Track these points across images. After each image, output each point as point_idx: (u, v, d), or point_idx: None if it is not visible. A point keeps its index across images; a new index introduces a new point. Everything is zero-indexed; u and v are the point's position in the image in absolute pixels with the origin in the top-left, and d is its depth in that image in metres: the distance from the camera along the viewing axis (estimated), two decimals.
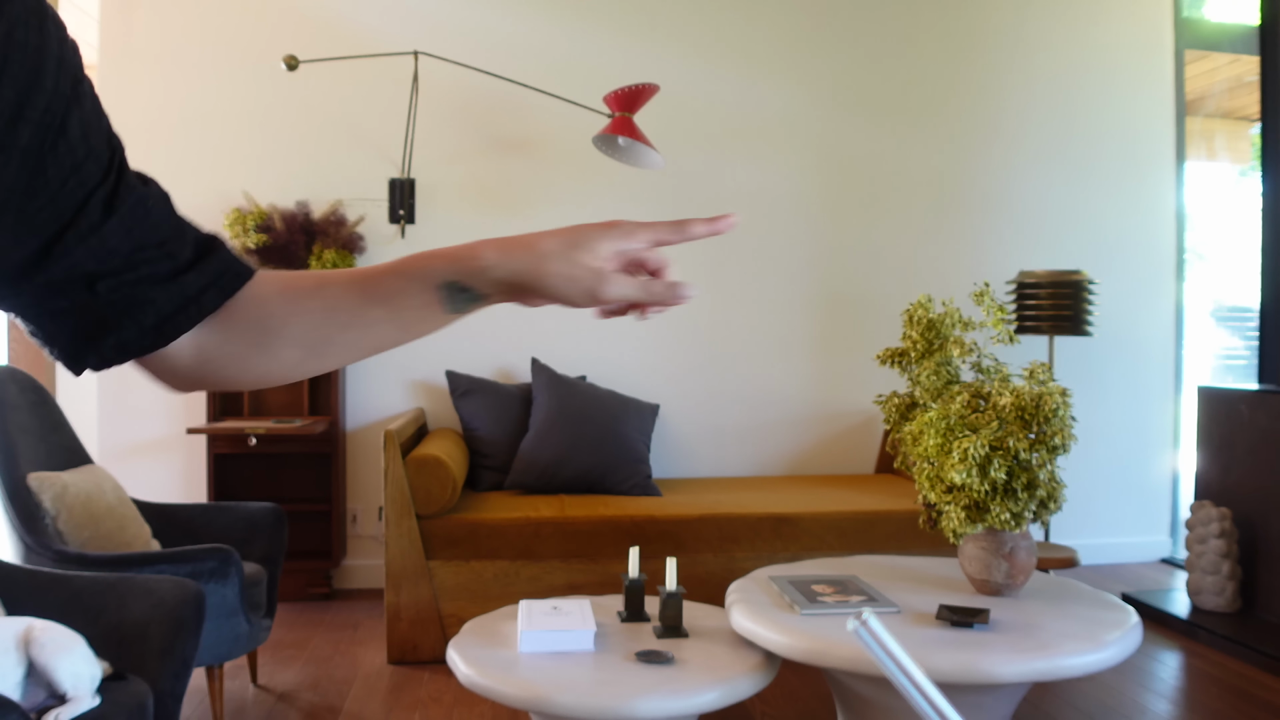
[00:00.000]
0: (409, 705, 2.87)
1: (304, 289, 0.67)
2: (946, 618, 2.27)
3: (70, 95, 0.54)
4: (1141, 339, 4.76)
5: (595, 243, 0.62)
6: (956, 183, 4.64)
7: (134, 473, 3.99)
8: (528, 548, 3.31)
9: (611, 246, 0.63)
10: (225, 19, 4.12)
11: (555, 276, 0.62)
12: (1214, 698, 3.00)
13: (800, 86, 4.51)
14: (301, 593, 3.96)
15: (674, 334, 4.44)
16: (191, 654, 2.02)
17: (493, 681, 2.10)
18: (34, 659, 1.78)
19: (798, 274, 4.53)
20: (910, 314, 2.65)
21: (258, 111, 4.13)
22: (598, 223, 0.63)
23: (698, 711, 2.06)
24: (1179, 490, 4.82)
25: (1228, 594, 3.64)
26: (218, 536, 2.90)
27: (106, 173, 0.57)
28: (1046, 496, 2.42)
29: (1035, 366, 2.49)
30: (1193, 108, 4.92)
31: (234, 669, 3.10)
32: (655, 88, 3.79)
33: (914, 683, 0.49)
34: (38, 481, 2.60)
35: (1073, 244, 4.69)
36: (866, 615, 0.48)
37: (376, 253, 4.20)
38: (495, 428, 3.90)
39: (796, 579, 2.58)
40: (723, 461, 4.47)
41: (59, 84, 0.53)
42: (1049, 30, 4.71)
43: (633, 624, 2.50)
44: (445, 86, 4.19)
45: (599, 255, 0.62)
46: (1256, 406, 3.67)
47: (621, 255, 0.63)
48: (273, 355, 0.67)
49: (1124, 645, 2.17)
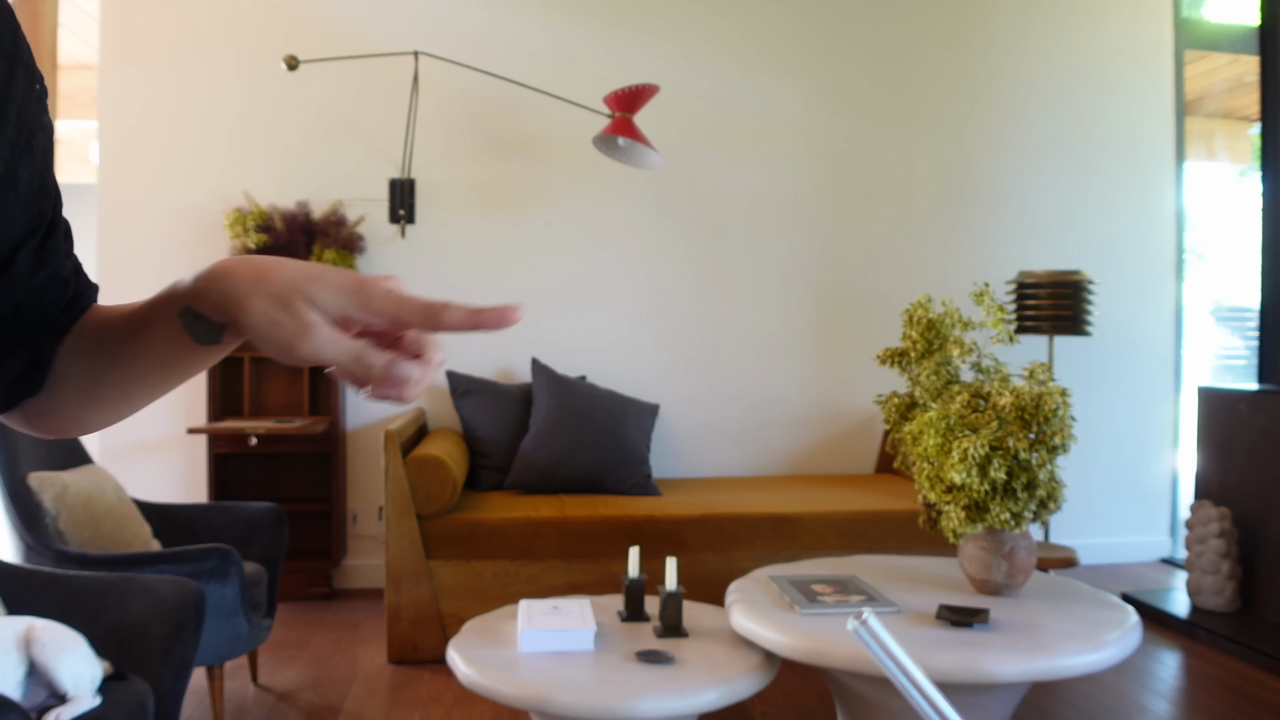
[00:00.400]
0: (409, 705, 2.87)
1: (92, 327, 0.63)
2: (946, 618, 2.27)
3: (24, 147, 0.54)
4: (1141, 339, 4.76)
5: (321, 294, 0.52)
6: (956, 182, 4.64)
7: (134, 473, 4.00)
8: (528, 548, 3.31)
9: (339, 305, 0.52)
10: (225, 19, 4.12)
11: (257, 315, 0.52)
12: (1214, 698, 3.00)
13: (800, 86, 4.51)
14: (302, 592, 3.96)
15: (674, 334, 4.44)
16: (192, 654, 2.02)
17: (493, 681, 2.10)
18: (35, 659, 1.79)
19: (797, 274, 4.53)
20: (910, 314, 2.65)
21: (258, 111, 4.13)
22: (350, 275, 0.53)
23: (698, 711, 2.06)
24: (1179, 490, 4.83)
25: (1227, 594, 3.64)
26: (218, 536, 2.90)
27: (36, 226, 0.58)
28: (1046, 496, 2.42)
29: (1035, 366, 2.49)
30: (1192, 108, 4.92)
31: (234, 669, 3.10)
32: (655, 88, 3.79)
33: (914, 683, 0.49)
34: (38, 481, 2.60)
35: (1073, 244, 4.69)
36: (866, 615, 0.48)
37: (376, 253, 4.20)
38: (495, 428, 3.90)
39: (796, 579, 2.59)
40: (723, 461, 4.48)
41: (17, 135, 0.53)
42: (1049, 30, 4.72)
43: (633, 624, 2.50)
44: (445, 86, 4.19)
45: (320, 308, 0.52)
46: (1256, 406, 3.67)
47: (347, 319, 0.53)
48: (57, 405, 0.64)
49: (1124, 645, 2.18)
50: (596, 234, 4.36)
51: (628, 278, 4.39)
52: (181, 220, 4.11)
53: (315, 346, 0.51)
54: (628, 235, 4.39)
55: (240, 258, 0.55)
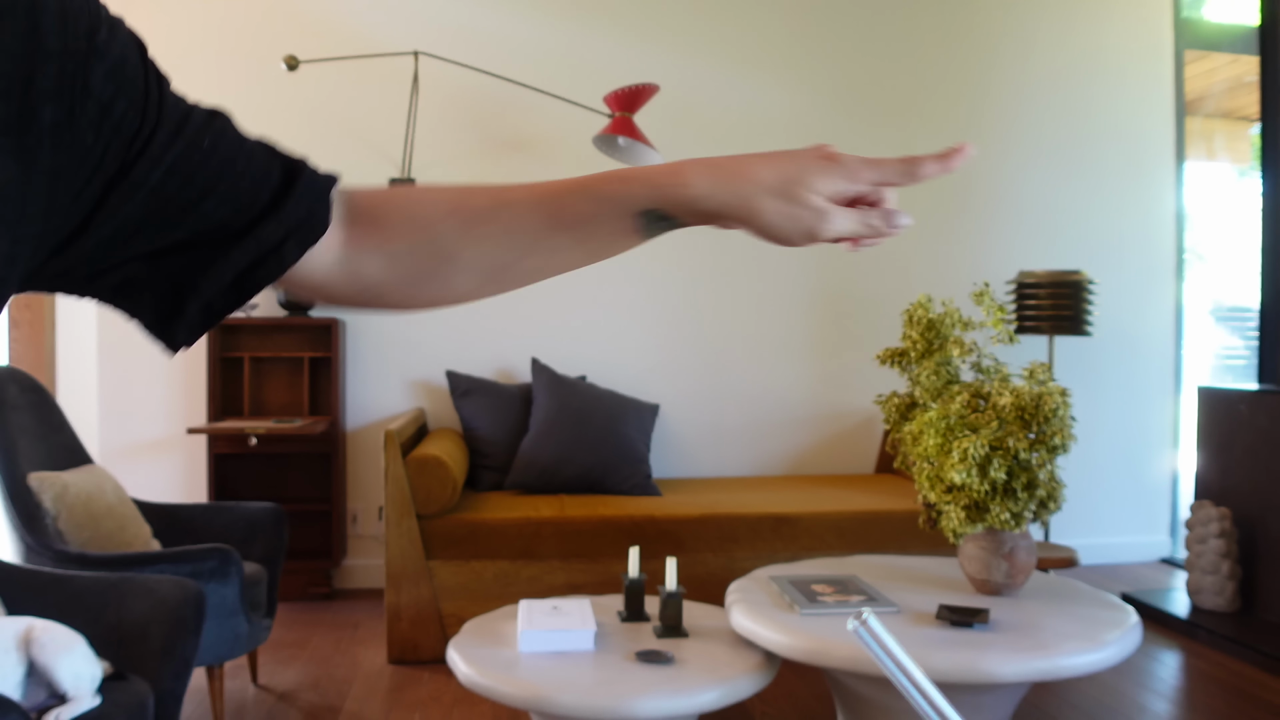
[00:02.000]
0: (409, 705, 2.87)
1: (479, 212, 0.63)
2: (946, 617, 2.27)
3: (86, 50, 0.46)
4: (1141, 339, 4.76)
5: (816, 180, 0.58)
6: (956, 182, 4.64)
7: (134, 473, 4.00)
8: (528, 548, 3.31)
9: (832, 187, 0.59)
10: (225, 19, 4.12)
11: (773, 214, 0.58)
12: (1214, 697, 3.00)
13: (800, 86, 4.51)
14: (302, 592, 3.96)
15: (674, 334, 4.44)
16: (192, 654, 2.02)
17: (493, 681, 2.10)
18: (34, 659, 1.79)
19: (798, 274, 4.53)
20: (910, 314, 2.65)
21: (258, 111, 4.13)
22: (813, 154, 0.59)
23: (698, 711, 2.06)
24: (1179, 490, 4.82)
25: (1227, 594, 3.64)
26: (218, 536, 2.90)
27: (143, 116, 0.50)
28: (1046, 496, 2.42)
29: (1035, 366, 2.49)
30: (1192, 108, 4.92)
31: (234, 669, 3.10)
32: (655, 88, 3.79)
33: (914, 683, 0.49)
34: (38, 481, 2.60)
35: (1073, 244, 4.69)
36: (866, 615, 0.48)
37: None
38: (495, 428, 3.90)
39: (796, 579, 2.59)
40: (723, 461, 4.48)
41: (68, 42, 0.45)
42: (1049, 30, 4.72)
43: (633, 624, 2.50)
44: (445, 86, 4.19)
45: (819, 193, 0.58)
46: (1256, 406, 3.67)
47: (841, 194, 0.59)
48: (444, 282, 0.64)
49: (1123, 645, 2.18)
50: None
51: (628, 278, 4.39)
52: None
53: (834, 226, 0.58)
54: None
55: (693, 163, 0.59)
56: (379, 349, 4.23)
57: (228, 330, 4.03)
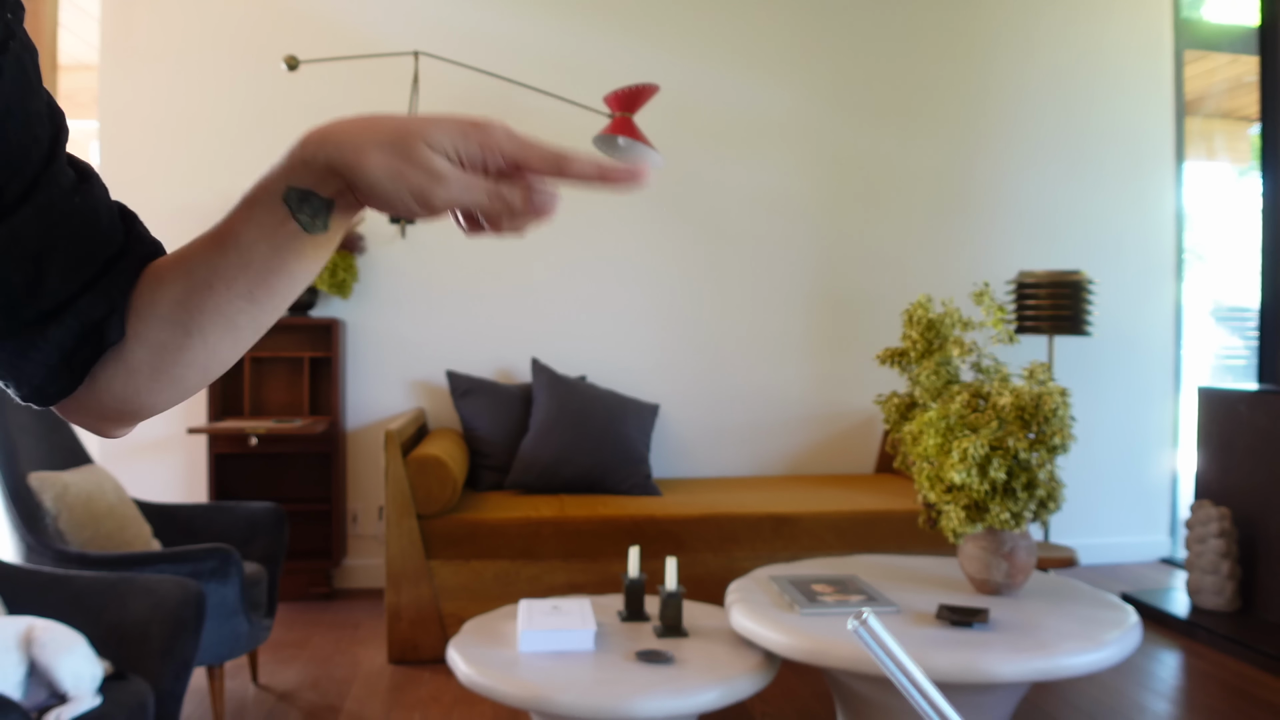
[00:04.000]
0: (409, 705, 2.87)
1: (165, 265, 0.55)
2: (946, 617, 2.27)
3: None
4: (1141, 339, 4.76)
5: (440, 136, 0.49)
6: (956, 183, 4.64)
7: (134, 473, 4.00)
8: (528, 548, 3.31)
9: (461, 146, 0.49)
10: (225, 19, 4.12)
11: (377, 169, 0.48)
12: (1213, 697, 3.00)
13: (800, 86, 4.51)
14: (302, 592, 3.96)
15: (674, 334, 4.44)
16: (192, 653, 2.02)
17: (493, 681, 2.10)
18: (35, 659, 1.79)
19: (798, 273, 4.53)
20: (910, 314, 2.65)
21: (258, 111, 4.13)
22: (470, 116, 0.50)
23: (698, 711, 2.06)
24: (1178, 490, 4.83)
25: (1227, 594, 3.64)
26: (218, 536, 2.90)
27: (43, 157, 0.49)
28: (1046, 496, 2.42)
29: (1035, 366, 2.49)
30: (1192, 108, 4.92)
31: (234, 668, 3.10)
32: (655, 88, 3.78)
33: (914, 682, 0.49)
34: (38, 481, 2.60)
35: (1072, 244, 4.69)
36: (866, 615, 0.48)
37: (376, 253, 4.20)
38: (495, 428, 3.90)
39: (796, 579, 2.59)
40: (723, 461, 4.48)
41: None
42: (1049, 30, 4.72)
43: (633, 624, 2.50)
44: (445, 86, 4.19)
45: (442, 151, 0.49)
46: (1256, 406, 3.67)
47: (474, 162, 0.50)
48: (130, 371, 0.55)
49: (1123, 645, 2.18)
50: (597, 234, 4.36)
51: (628, 278, 4.39)
52: (182, 220, 4.08)
53: (451, 192, 0.49)
54: (628, 235, 4.39)
55: (341, 118, 0.50)
56: (379, 349, 4.23)
57: None
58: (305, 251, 0.53)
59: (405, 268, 4.22)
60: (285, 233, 0.51)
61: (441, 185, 0.49)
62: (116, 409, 0.57)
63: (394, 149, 0.48)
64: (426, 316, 4.25)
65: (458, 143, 0.49)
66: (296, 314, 4.02)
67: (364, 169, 0.48)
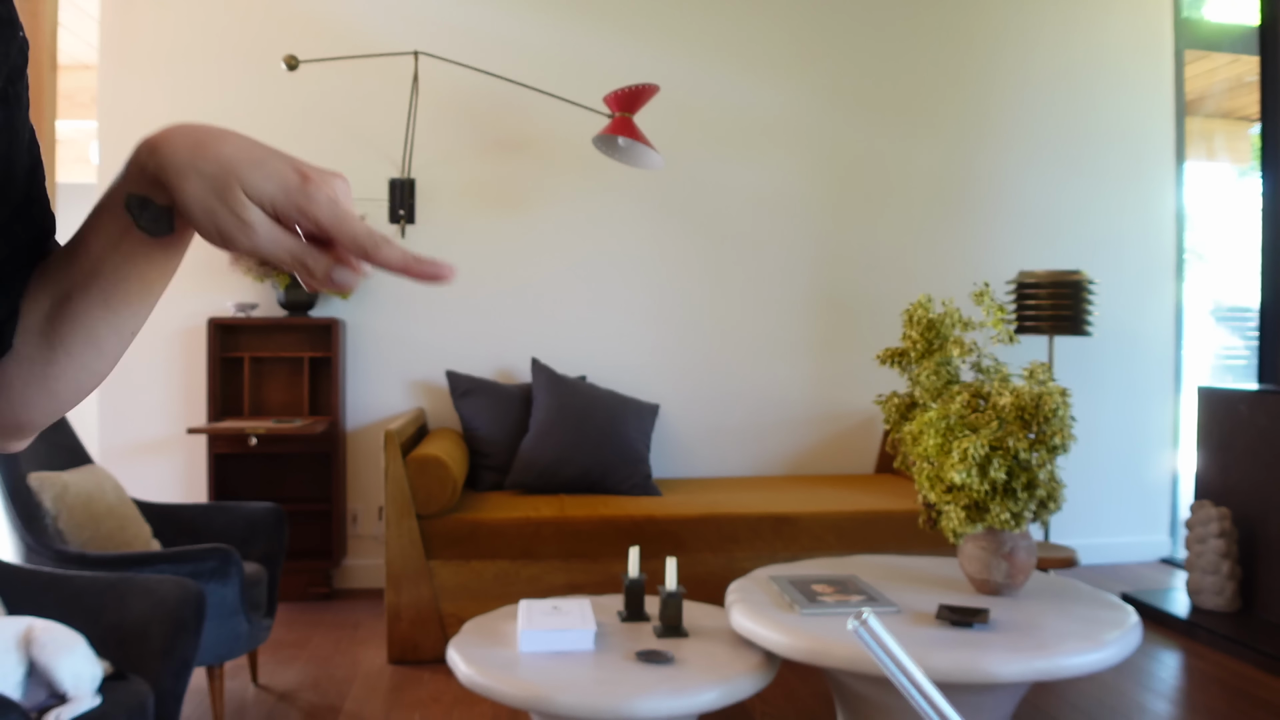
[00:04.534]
0: (409, 705, 2.87)
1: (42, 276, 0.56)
2: (946, 617, 2.27)
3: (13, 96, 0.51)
4: (1141, 339, 4.76)
5: (262, 183, 0.48)
6: (956, 183, 4.64)
7: (134, 473, 4.00)
8: (528, 548, 3.31)
9: (278, 201, 0.48)
10: (225, 19, 4.12)
11: (193, 197, 0.48)
12: (1214, 697, 3.00)
13: (800, 86, 4.51)
14: (302, 592, 3.96)
15: (674, 334, 4.44)
16: (192, 654, 2.02)
17: (493, 681, 2.10)
18: (35, 659, 1.79)
19: (798, 273, 4.53)
20: (910, 314, 2.65)
21: (257, 111, 4.13)
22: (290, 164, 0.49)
23: (698, 711, 2.06)
24: (1179, 490, 4.83)
25: (1227, 594, 3.64)
26: (218, 536, 2.90)
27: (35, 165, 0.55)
28: (1046, 496, 2.42)
29: (1035, 366, 2.49)
30: (1192, 108, 4.92)
31: (234, 668, 3.10)
32: (655, 88, 3.79)
33: (914, 682, 0.49)
34: (38, 481, 2.60)
35: (1072, 244, 4.69)
36: (866, 615, 0.48)
37: None
38: (495, 428, 3.90)
39: (796, 579, 2.59)
40: (723, 461, 4.48)
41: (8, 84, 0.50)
42: (1049, 30, 4.72)
43: (633, 624, 2.50)
44: (445, 86, 4.19)
45: (259, 197, 0.48)
46: (1256, 406, 3.67)
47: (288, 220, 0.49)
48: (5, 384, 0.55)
49: (1123, 645, 2.18)
50: (596, 234, 4.36)
51: (628, 278, 4.39)
52: None
53: (254, 243, 0.48)
54: (628, 235, 4.39)
55: (182, 124, 0.50)
56: (379, 349, 4.23)
57: (228, 330, 4.03)
58: (155, 256, 0.53)
59: None
60: (132, 239, 0.51)
61: (245, 234, 0.48)
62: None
63: (212, 183, 0.48)
64: (426, 316, 4.25)
65: (277, 197, 0.48)
66: (296, 314, 4.03)
67: (180, 193, 0.48)
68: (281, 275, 3.97)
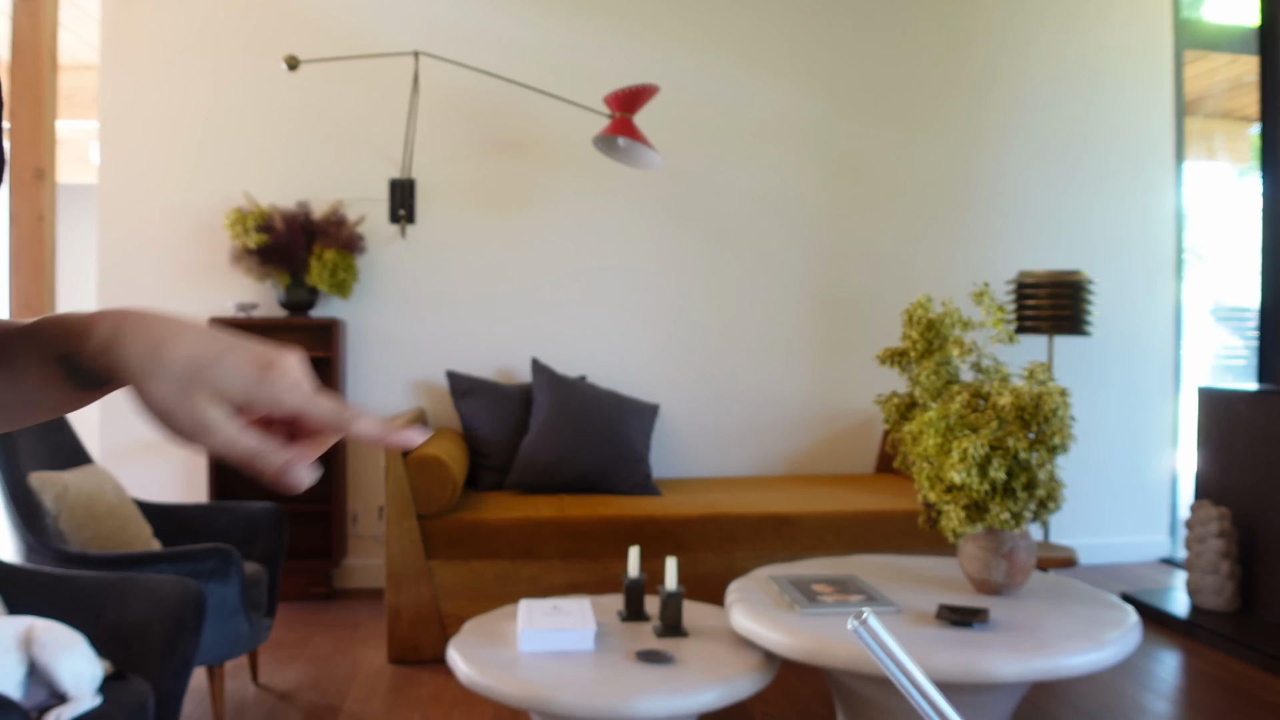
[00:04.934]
0: (409, 705, 2.87)
1: None
2: (946, 617, 2.27)
3: None
4: (1141, 339, 4.76)
5: (225, 379, 0.49)
6: (956, 183, 4.64)
7: (135, 472, 4.00)
8: (528, 547, 3.31)
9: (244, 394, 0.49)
10: (225, 19, 4.12)
11: (158, 399, 0.48)
12: (1213, 697, 3.00)
13: (800, 86, 4.51)
14: (302, 592, 3.96)
15: (674, 334, 4.44)
16: (192, 653, 2.03)
17: (493, 681, 2.10)
18: (35, 659, 1.79)
19: (798, 274, 4.53)
20: (910, 314, 2.65)
21: (258, 111, 4.13)
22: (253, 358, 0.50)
23: (698, 711, 2.06)
24: (1178, 490, 4.83)
25: (1227, 593, 3.64)
26: (218, 536, 2.90)
27: None
28: (1046, 496, 2.42)
29: (1035, 366, 2.49)
30: (1192, 108, 4.92)
31: (235, 668, 3.10)
32: (655, 88, 3.79)
33: (914, 682, 0.49)
34: (39, 481, 2.60)
35: (1072, 244, 4.69)
36: (866, 615, 0.49)
37: (376, 253, 4.20)
38: (495, 428, 3.90)
39: (796, 579, 2.59)
40: (723, 461, 4.48)
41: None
42: (1049, 30, 4.72)
43: (633, 624, 2.50)
44: (445, 86, 4.19)
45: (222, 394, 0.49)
46: (1256, 406, 3.68)
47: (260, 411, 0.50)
48: None
49: (1123, 645, 2.18)
50: (596, 234, 4.36)
51: (628, 278, 4.39)
52: (182, 220, 4.11)
53: (213, 444, 0.49)
54: (628, 235, 4.39)
55: (132, 315, 0.50)
56: (379, 349, 4.23)
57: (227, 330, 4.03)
58: (79, 395, 0.53)
59: (405, 268, 4.22)
60: (57, 381, 0.52)
61: (206, 437, 0.49)
62: None
63: (176, 385, 0.48)
64: (426, 316, 4.26)
65: (250, 389, 0.49)
66: (297, 314, 4.03)
67: (143, 394, 0.49)
68: (282, 275, 3.97)
